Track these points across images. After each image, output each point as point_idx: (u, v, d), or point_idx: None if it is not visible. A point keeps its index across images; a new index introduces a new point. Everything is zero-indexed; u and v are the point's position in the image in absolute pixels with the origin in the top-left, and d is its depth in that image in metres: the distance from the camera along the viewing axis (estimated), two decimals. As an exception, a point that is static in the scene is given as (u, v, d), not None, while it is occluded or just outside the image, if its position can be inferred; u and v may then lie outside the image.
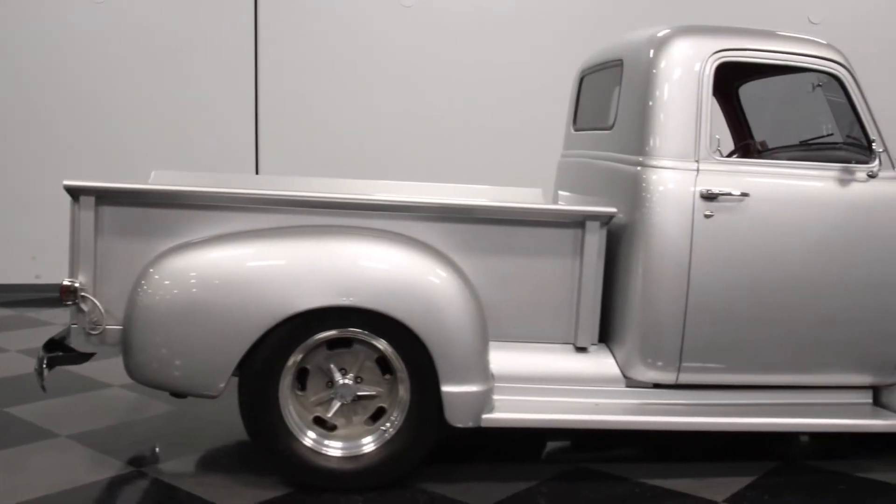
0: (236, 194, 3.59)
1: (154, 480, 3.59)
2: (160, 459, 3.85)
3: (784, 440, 4.25)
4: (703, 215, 3.65)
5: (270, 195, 3.60)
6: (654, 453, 4.12)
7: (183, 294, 3.39)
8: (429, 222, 3.70)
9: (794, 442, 4.27)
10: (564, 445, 4.17)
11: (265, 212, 3.60)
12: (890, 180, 3.83)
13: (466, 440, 4.11)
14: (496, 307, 3.75)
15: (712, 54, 3.72)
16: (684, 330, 3.68)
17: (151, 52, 6.98)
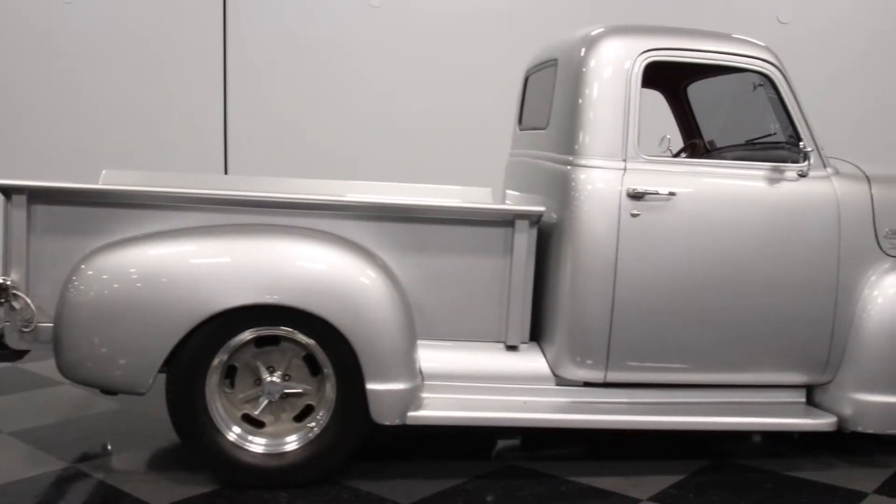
0: (163, 193, 3.62)
1: (85, 476, 3.63)
2: (97, 456, 3.88)
3: (721, 439, 4.25)
4: (629, 214, 3.66)
5: (195, 194, 3.63)
6: (586, 451, 4.13)
7: (110, 292, 3.42)
8: (359, 221, 3.73)
9: (729, 440, 4.27)
10: (498, 444, 4.17)
11: (196, 210, 3.63)
12: (820, 179, 3.84)
13: (401, 438, 4.13)
14: (427, 306, 3.78)
15: (641, 54, 3.73)
16: (611, 329, 3.69)
17: (119, 52, 7.02)
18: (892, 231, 3.90)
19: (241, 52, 7.17)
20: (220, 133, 7.18)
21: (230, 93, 7.18)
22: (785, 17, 7.55)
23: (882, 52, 7.67)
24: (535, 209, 3.74)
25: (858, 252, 3.85)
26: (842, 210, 3.82)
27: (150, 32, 7.04)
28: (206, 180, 4.52)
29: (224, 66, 7.16)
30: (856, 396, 3.83)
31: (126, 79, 7.03)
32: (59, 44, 6.95)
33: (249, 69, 7.22)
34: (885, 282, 3.84)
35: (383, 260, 3.72)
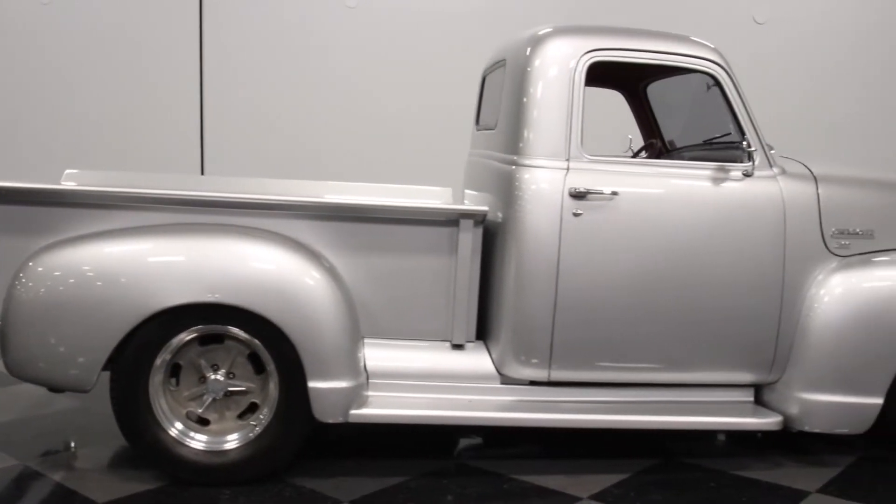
0: (106, 193, 3.65)
1: (37, 474, 3.65)
2: (50, 453, 3.90)
3: (673, 438, 4.26)
4: (571, 214, 3.67)
5: (138, 194, 3.65)
6: (535, 450, 4.14)
7: (55, 290, 3.45)
8: (306, 221, 3.75)
9: (682, 440, 4.27)
10: (448, 442, 4.18)
11: (143, 210, 3.65)
12: (766, 179, 3.85)
13: (350, 436, 4.15)
14: (373, 305, 3.80)
15: (584, 54, 3.75)
16: (553, 328, 3.71)
17: (96, 53, 7.05)
18: (838, 231, 3.90)
19: (217, 53, 7.20)
20: (196, 133, 7.21)
21: (206, 93, 7.21)
22: (761, 18, 7.55)
23: (860, 53, 7.66)
24: (478, 209, 3.76)
25: (804, 251, 3.85)
26: (787, 210, 3.82)
27: (127, 33, 7.07)
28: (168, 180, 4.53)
29: (200, 66, 7.19)
30: (802, 396, 3.84)
31: (103, 79, 7.07)
32: (35, 44, 6.99)
33: (226, 70, 7.25)
34: (832, 281, 3.84)
35: (329, 259, 3.74)
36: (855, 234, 3.93)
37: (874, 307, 3.81)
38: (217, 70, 7.24)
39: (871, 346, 3.80)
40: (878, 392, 3.82)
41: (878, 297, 3.83)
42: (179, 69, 7.17)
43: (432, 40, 7.41)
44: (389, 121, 7.41)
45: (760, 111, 7.45)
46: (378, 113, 7.43)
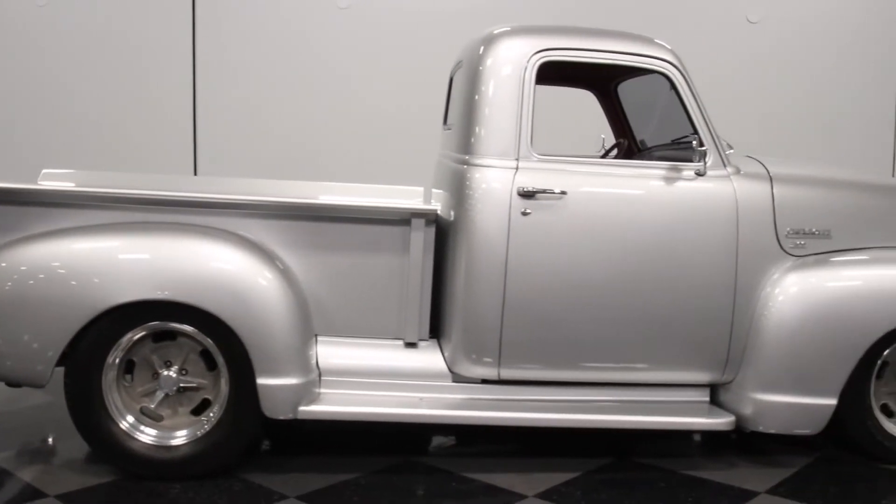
0: (63, 192, 3.72)
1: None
2: (6, 448, 3.97)
3: (630, 437, 4.25)
4: (520, 213, 3.69)
5: (93, 193, 3.72)
6: (489, 448, 4.16)
7: (12, 287, 3.52)
8: (262, 220, 3.80)
9: (642, 440, 4.27)
10: (400, 439, 4.20)
11: (102, 209, 3.72)
12: (719, 179, 3.84)
13: (307, 433, 4.19)
14: (327, 303, 3.84)
15: (534, 54, 3.76)
16: (502, 326, 3.72)
17: (90, 54, 7.15)
18: (793, 230, 3.88)
19: (210, 54, 7.28)
20: (189, 134, 7.29)
21: (199, 94, 7.29)
22: (754, 17, 7.50)
23: (854, 52, 7.59)
24: (429, 208, 3.79)
25: (758, 251, 3.84)
26: (740, 209, 3.81)
27: (121, 34, 7.17)
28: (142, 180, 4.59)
29: (193, 67, 7.28)
30: (756, 396, 3.83)
31: (97, 80, 7.17)
32: (31, 46, 7.10)
33: (219, 71, 7.33)
34: (786, 281, 3.82)
35: (284, 258, 3.78)
36: (811, 233, 3.91)
37: (828, 307, 3.79)
38: (210, 70, 7.32)
39: (825, 346, 3.78)
40: (832, 393, 3.80)
41: (833, 297, 3.80)
42: (173, 70, 7.26)
43: (424, 41, 7.44)
44: (382, 120, 7.45)
45: (753, 110, 7.46)
46: (370, 113, 7.48)
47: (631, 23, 7.40)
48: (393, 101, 7.48)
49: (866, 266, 3.88)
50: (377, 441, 4.16)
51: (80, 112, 7.19)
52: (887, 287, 3.82)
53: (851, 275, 3.85)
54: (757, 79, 7.59)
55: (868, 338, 3.78)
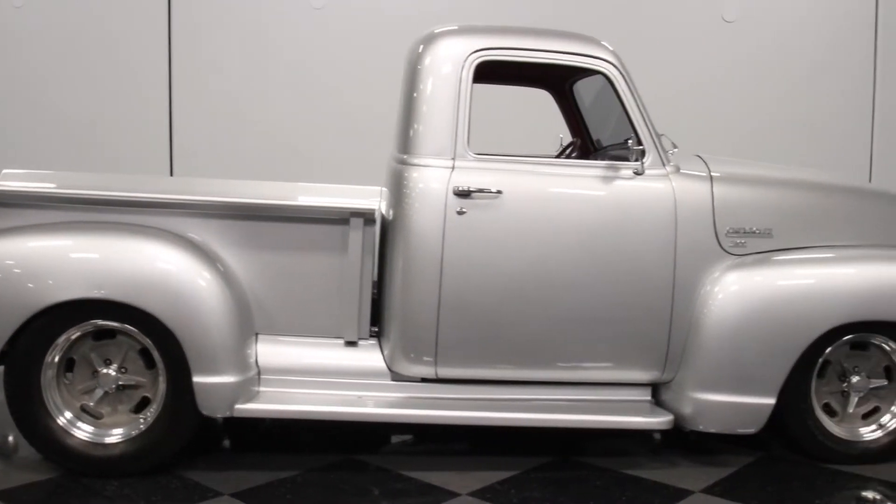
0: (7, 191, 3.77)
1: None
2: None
3: (576, 436, 4.25)
4: (455, 212, 3.70)
5: (33, 192, 3.76)
6: (431, 447, 4.18)
7: (-48, 285, 3.56)
8: (204, 219, 3.83)
9: (587, 438, 4.27)
10: (344, 437, 4.22)
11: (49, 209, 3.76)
12: (657, 178, 3.84)
13: (252, 431, 4.22)
14: (269, 302, 3.87)
15: (471, 53, 3.78)
16: (438, 325, 3.74)
17: (66, 55, 7.19)
18: (733, 229, 3.88)
19: (186, 54, 7.31)
20: (165, 134, 7.33)
21: (175, 94, 7.33)
22: (730, 16, 7.48)
23: (831, 52, 7.56)
24: (367, 207, 3.81)
25: (697, 250, 3.84)
26: (679, 208, 3.81)
27: (97, 36, 7.21)
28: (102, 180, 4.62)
29: (169, 67, 7.31)
30: (695, 395, 3.83)
31: (73, 81, 7.21)
32: (9, 47, 7.14)
33: (194, 71, 7.36)
34: (725, 280, 3.82)
35: (224, 257, 3.81)
36: (752, 232, 3.90)
37: (767, 307, 3.79)
38: (186, 70, 7.35)
39: (763, 345, 3.77)
40: (771, 392, 3.80)
41: (772, 296, 3.80)
42: (149, 70, 7.29)
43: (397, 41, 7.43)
44: (356, 119, 7.47)
45: (729, 110, 7.42)
46: (345, 112, 7.49)
47: (607, 22, 7.45)
48: (367, 100, 7.49)
49: (806, 265, 3.87)
50: (320, 439, 4.18)
51: (56, 112, 7.23)
52: (827, 286, 3.81)
53: (791, 274, 3.84)
54: (733, 78, 7.57)
55: (807, 337, 3.77)
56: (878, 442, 3.97)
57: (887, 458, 3.97)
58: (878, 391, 4.00)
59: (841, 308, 3.77)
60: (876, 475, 3.84)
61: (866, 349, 3.97)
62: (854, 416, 4.00)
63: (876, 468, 3.90)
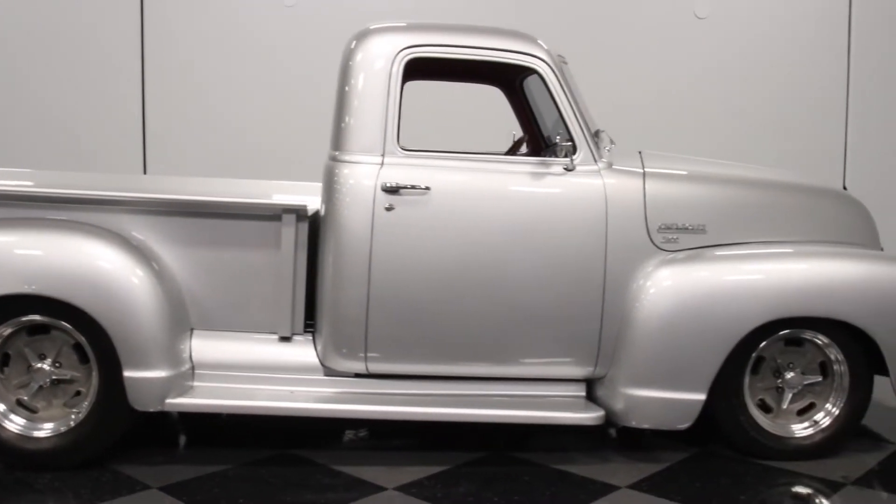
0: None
1: None
2: None
3: (515, 431, 4.27)
4: (383, 208, 3.72)
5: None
6: (368, 442, 4.20)
7: None
8: (140, 216, 3.87)
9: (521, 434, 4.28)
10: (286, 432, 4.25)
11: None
12: (588, 174, 3.85)
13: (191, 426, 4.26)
14: (205, 297, 3.91)
15: (400, 51, 3.80)
16: (368, 321, 3.77)
17: (37, 52, 7.25)
18: (665, 225, 3.89)
19: (158, 51, 7.36)
20: (138, 132, 7.38)
21: (148, 92, 7.38)
22: (702, 12, 7.47)
23: (804, 49, 7.54)
24: (299, 204, 3.83)
25: (629, 246, 3.85)
26: (609, 204, 3.82)
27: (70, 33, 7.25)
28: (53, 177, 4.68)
29: (142, 65, 7.36)
30: (626, 391, 3.84)
31: (46, 79, 7.26)
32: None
33: (167, 68, 7.41)
34: (656, 276, 3.83)
35: (160, 253, 3.85)
36: (684, 228, 3.91)
37: (697, 302, 3.80)
38: (158, 68, 7.40)
39: (693, 341, 3.78)
40: (701, 388, 3.80)
41: (702, 292, 3.81)
42: (122, 68, 7.34)
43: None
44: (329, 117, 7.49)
45: (702, 107, 7.40)
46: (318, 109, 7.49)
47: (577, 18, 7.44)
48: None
49: (737, 261, 3.87)
50: (259, 434, 4.21)
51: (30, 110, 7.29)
52: (757, 282, 3.82)
53: (722, 270, 3.84)
54: (706, 75, 7.56)
55: (736, 333, 3.78)
56: (813, 438, 3.96)
57: (822, 455, 3.96)
58: (813, 388, 4.00)
59: (769, 304, 3.78)
60: (808, 472, 3.84)
61: (801, 345, 3.97)
62: (789, 413, 4.00)
63: (809, 465, 3.90)
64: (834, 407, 3.96)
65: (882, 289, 3.82)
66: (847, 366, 3.93)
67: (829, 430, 3.96)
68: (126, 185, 4.49)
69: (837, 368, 3.95)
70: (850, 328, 3.85)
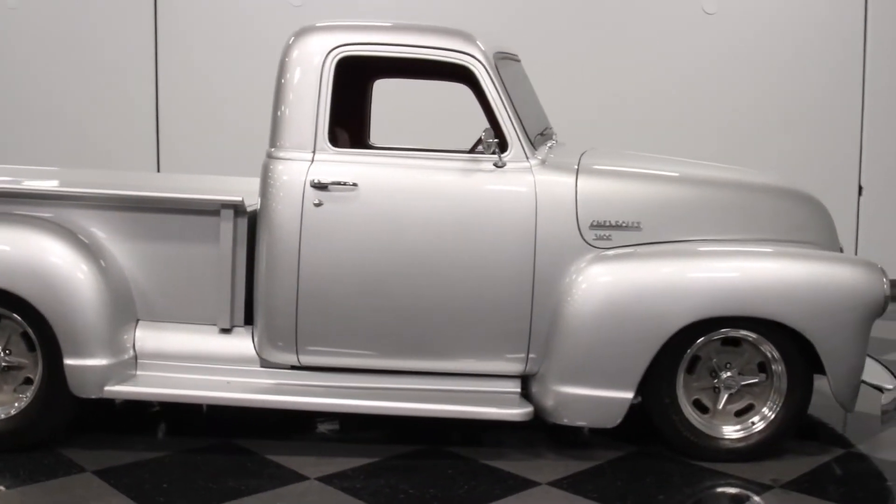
0: None
1: None
2: None
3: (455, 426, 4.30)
4: (312, 204, 3.80)
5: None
6: (310, 434, 4.27)
7: None
8: (88, 210, 4.03)
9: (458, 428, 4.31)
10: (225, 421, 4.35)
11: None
12: (518, 171, 3.87)
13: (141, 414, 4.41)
14: (151, 289, 4.05)
15: (332, 50, 3.87)
16: (297, 314, 3.85)
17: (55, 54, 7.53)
18: (597, 222, 3.87)
19: (172, 52, 7.58)
20: (152, 132, 7.61)
21: (162, 91, 7.60)
22: (711, 7, 7.36)
23: (813, 45, 7.37)
24: (234, 199, 3.94)
25: (559, 243, 3.85)
26: (539, 201, 3.83)
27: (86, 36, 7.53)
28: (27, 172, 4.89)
29: (156, 67, 7.59)
30: (556, 388, 3.84)
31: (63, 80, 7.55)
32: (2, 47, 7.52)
33: (180, 69, 7.62)
34: (586, 273, 3.82)
35: (108, 247, 4.00)
36: (617, 226, 3.89)
37: (624, 300, 3.78)
38: (171, 68, 7.62)
39: (620, 339, 3.76)
40: (629, 386, 3.78)
41: (629, 290, 3.78)
42: (136, 68, 7.59)
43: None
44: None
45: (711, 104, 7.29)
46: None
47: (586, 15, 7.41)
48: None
49: (667, 259, 3.83)
50: (209, 423, 4.33)
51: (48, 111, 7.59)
52: (685, 280, 3.77)
53: (650, 268, 3.81)
54: (715, 71, 7.46)
55: (664, 331, 3.74)
56: (749, 440, 3.90)
57: (758, 457, 3.89)
58: (752, 389, 3.93)
59: (696, 303, 3.73)
60: (739, 474, 3.78)
61: (739, 345, 3.91)
62: (726, 414, 3.94)
63: (743, 467, 3.84)
64: (770, 409, 3.89)
65: (815, 288, 3.74)
66: (784, 366, 3.85)
67: (766, 432, 3.89)
68: (108, 182, 4.64)
69: (776, 369, 3.87)
70: (786, 328, 3.78)
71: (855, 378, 3.86)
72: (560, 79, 7.35)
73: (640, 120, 7.47)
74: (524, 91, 4.37)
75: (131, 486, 3.59)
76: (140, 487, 3.58)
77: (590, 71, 7.51)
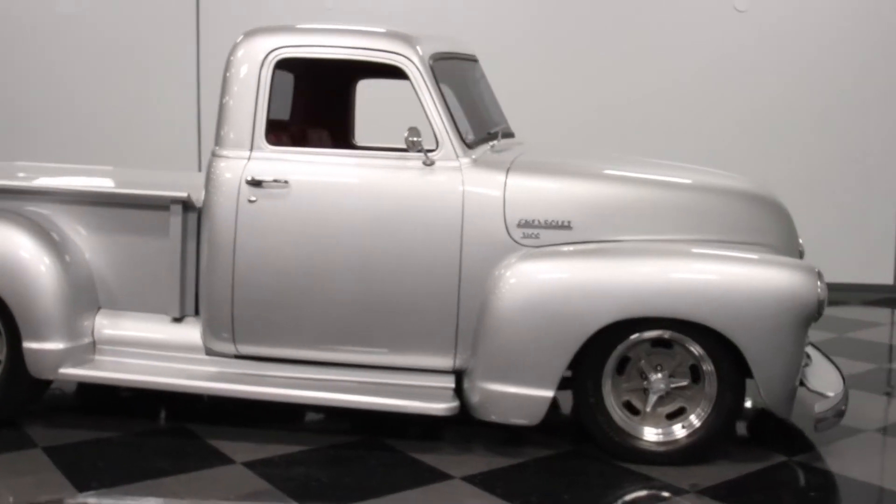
0: None
1: None
2: None
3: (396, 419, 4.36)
4: (247, 201, 3.96)
5: None
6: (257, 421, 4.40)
7: None
8: (56, 204, 4.32)
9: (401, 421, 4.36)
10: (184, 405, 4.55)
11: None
12: (447, 169, 3.92)
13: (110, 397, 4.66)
14: (111, 279, 4.30)
15: (269, 52, 4.02)
16: (233, 306, 4.01)
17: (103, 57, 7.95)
18: (525, 221, 3.89)
19: (213, 53, 7.90)
20: (194, 134, 7.96)
21: (202, 97, 7.94)
22: (742, 5, 7.18)
23: (844, 42, 7.09)
24: (180, 195, 4.14)
25: (486, 241, 3.88)
26: (466, 200, 3.88)
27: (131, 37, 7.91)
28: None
29: (197, 72, 7.93)
30: (481, 385, 3.86)
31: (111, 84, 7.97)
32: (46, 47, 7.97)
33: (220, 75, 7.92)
34: (511, 272, 3.83)
35: (73, 238, 4.27)
36: (546, 224, 3.89)
37: (545, 299, 3.77)
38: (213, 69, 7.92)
39: (540, 337, 3.76)
40: (548, 385, 3.78)
41: (550, 289, 3.78)
42: (178, 68, 7.94)
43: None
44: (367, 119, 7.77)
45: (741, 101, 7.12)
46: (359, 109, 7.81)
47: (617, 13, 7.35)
48: (381, 96, 7.77)
49: (590, 258, 3.81)
50: (168, 406, 4.55)
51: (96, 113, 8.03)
52: (603, 280, 3.74)
53: (573, 267, 3.80)
54: (745, 69, 7.27)
55: (583, 331, 3.72)
56: (677, 443, 3.83)
57: (687, 460, 3.82)
58: (684, 392, 3.86)
59: (615, 303, 3.69)
60: (660, 477, 3.73)
61: (671, 347, 3.85)
62: (657, 416, 3.88)
63: (668, 470, 3.78)
64: (698, 414, 3.82)
65: (739, 290, 3.65)
66: (714, 370, 3.77)
67: (694, 436, 3.82)
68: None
69: (706, 370, 3.80)
70: (714, 331, 3.70)
71: (789, 383, 3.75)
72: (588, 75, 7.33)
73: (668, 117, 7.36)
74: (475, 92, 4.42)
75: (69, 463, 3.83)
76: (77, 465, 3.82)
77: (618, 68, 7.44)
